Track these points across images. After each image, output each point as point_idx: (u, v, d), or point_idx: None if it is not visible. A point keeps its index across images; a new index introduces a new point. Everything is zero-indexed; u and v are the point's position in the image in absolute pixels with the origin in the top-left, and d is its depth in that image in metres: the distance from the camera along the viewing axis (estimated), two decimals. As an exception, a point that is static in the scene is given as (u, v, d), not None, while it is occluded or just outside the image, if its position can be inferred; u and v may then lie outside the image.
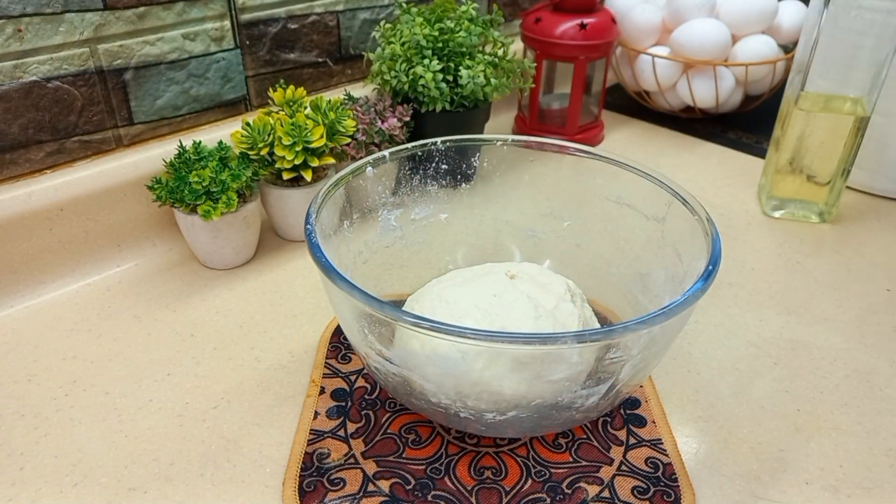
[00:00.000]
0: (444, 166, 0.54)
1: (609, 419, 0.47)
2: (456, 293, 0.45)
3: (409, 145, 0.52)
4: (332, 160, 0.64)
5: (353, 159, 0.68)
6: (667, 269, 0.47)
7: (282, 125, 0.61)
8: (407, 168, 0.53)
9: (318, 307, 0.59)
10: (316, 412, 0.47)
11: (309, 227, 0.41)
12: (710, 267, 0.39)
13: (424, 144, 0.52)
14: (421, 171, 0.53)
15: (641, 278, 0.49)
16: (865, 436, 0.47)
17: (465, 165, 0.54)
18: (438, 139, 0.53)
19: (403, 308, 0.49)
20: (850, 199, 0.76)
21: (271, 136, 0.61)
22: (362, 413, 0.47)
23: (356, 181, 0.49)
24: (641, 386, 0.50)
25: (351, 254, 0.50)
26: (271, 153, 0.62)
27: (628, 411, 0.48)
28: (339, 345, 0.54)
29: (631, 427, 0.47)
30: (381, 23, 0.72)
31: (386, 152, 0.51)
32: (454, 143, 0.53)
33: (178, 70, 0.65)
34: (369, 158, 0.50)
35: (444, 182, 0.54)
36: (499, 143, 0.54)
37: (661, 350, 0.40)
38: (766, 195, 0.73)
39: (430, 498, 0.42)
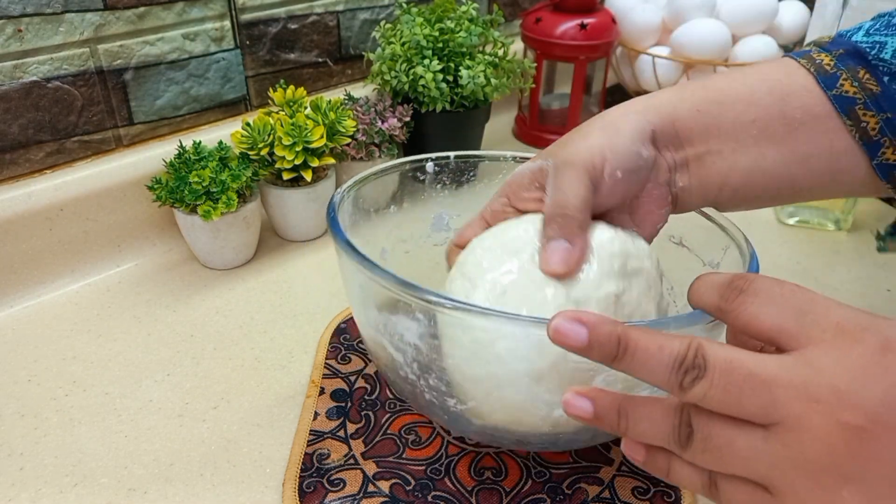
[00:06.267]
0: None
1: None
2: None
3: (478, 153, 0.52)
4: (332, 160, 0.64)
5: (353, 160, 0.68)
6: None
7: (282, 125, 0.61)
8: (472, 173, 0.52)
9: (318, 307, 0.59)
10: (316, 413, 0.47)
11: (338, 195, 0.43)
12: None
13: (496, 156, 0.52)
14: (486, 180, 0.52)
15: None
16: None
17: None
18: (509, 152, 0.52)
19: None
20: (871, 207, 0.75)
21: (271, 136, 0.61)
22: (362, 414, 0.47)
23: (413, 174, 0.50)
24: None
25: (392, 239, 0.50)
26: (271, 153, 0.62)
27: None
28: (338, 345, 0.54)
29: (631, 427, 0.47)
30: (382, 23, 0.72)
31: (451, 154, 0.51)
32: (523, 159, 0.51)
33: (178, 70, 0.65)
34: (432, 155, 0.50)
35: None
36: None
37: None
38: None
39: (430, 498, 0.42)
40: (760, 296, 0.27)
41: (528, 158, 0.51)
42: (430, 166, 0.51)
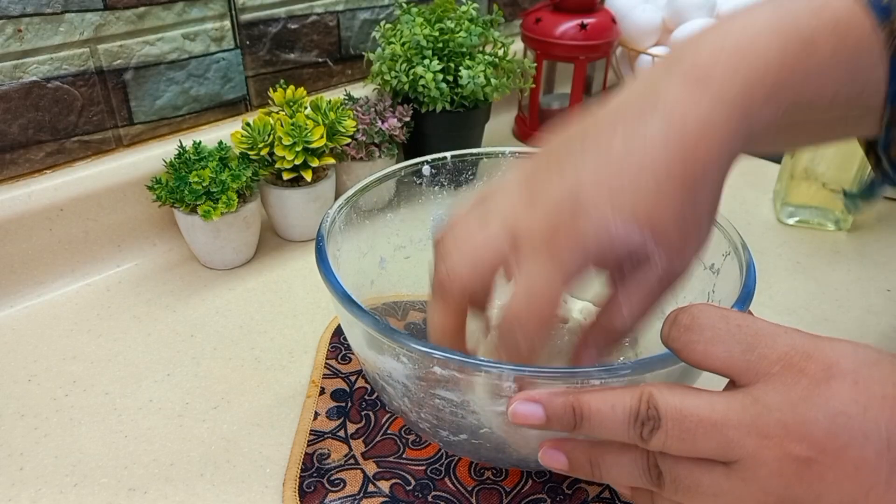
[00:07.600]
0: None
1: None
2: None
3: (476, 151, 0.52)
4: (332, 160, 0.64)
5: (353, 160, 0.68)
6: None
7: (282, 125, 0.61)
8: (470, 172, 0.52)
9: (318, 307, 0.59)
10: (316, 413, 0.47)
11: (323, 226, 0.42)
12: None
13: (490, 153, 0.52)
14: (485, 178, 0.52)
15: None
16: (865, 436, 0.47)
17: None
18: (507, 148, 0.51)
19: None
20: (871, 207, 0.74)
21: (271, 136, 0.61)
22: (362, 414, 0.47)
23: (409, 178, 0.50)
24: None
25: (391, 246, 0.50)
26: (271, 153, 0.62)
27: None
28: (339, 345, 0.54)
29: (631, 427, 0.47)
30: (382, 23, 0.72)
31: (448, 154, 0.51)
32: (522, 154, 0.51)
33: (178, 70, 0.65)
34: (427, 158, 0.50)
35: None
36: None
37: None
38: (780, 201, 0.72)
39: (430, 499, 0.42)
40: (706, 332, 0.28)
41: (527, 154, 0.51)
42: (426, 169, 0.50)
